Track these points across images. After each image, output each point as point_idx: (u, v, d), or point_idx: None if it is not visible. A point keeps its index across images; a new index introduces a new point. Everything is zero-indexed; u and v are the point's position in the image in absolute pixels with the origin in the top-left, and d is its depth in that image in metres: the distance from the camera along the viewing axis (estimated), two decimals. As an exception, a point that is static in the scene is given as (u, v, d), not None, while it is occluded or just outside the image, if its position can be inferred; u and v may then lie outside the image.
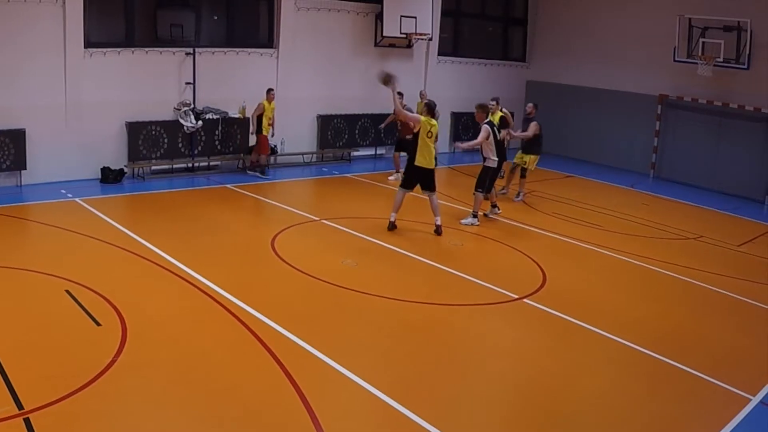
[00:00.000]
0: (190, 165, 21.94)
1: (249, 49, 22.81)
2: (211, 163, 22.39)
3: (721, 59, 23.98)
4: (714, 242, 18.39)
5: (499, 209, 19.12)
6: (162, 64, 21.04)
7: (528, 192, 21.56)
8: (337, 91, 25.24)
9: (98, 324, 10.46)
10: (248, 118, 22.21)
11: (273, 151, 23.18)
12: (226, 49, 22.30)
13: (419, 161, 16.67)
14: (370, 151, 26.64)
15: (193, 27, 21.86)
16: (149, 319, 10.84)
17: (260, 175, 22.08)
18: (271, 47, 23.46)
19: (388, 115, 23.82)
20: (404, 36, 25.85)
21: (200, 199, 19.17)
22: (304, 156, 24.77)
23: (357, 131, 25.92)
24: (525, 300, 12.94)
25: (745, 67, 23.81)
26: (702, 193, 24.56)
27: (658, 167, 26.97)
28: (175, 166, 21.68)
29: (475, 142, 18.00)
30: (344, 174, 23.56)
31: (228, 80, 22.39)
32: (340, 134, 25.51)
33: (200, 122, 21.45)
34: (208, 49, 21.91)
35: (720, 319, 13.00)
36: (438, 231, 16.72)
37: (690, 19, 24.82)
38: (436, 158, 17.21)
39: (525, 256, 15.66)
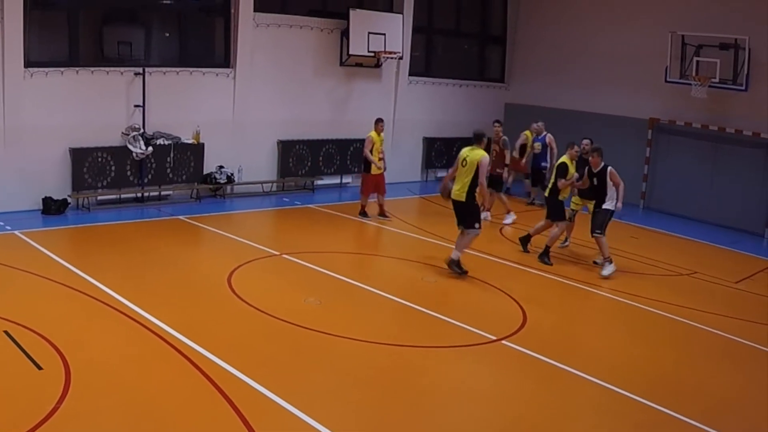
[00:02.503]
0: (139, 195, 21.92)
1: (203, 69, 22.86)
2: (163, 193, 22.40)
3: (717, 80, 23.91)
4: (709, 279, 18.49)
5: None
6: (109, 85, 21.02)
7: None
8: (300, 114, 25.28)
9: (39, 368, 10.43)
10: (202, 143, 22.29)
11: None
12: (178, 69, 22.34)
13: (452, 194, 16.78)
14: (335, 180, 26.60)
15: (143, 45, 21.99)
16: (94, 362, 10.82)
17: (365, 219, 21.91)
18: (228, 67, 23.53)
19: (356, 140, 24.01)
20: (372, 54, 26.01)
21: (150, 231, 19.17)
22: (264, 185, 24.76)
23: (321, 158, 25.94)
24: (503, 341, 12.98)
25: (743, 88, 23.78)
26: (696, 225, 24.52)
27: (648, 197, 26.99)
28: (123, 196, 21.65)
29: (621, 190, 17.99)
30: (307, 204, 23.59)
31: (181, 102, 22.41)
32: (303, 161, 25.53)
33: (150, 148, 21.45)
34: (159, 69, 21.93)
35: (716, 363, 13.07)
36: (449, 264, 16.74)
37: (683, 36, 24.88)
38: (470, 193, 16.50)
39: (503, 293, 15.73)
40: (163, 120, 22.08)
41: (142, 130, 21.43)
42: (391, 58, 26.76)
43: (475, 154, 16.42)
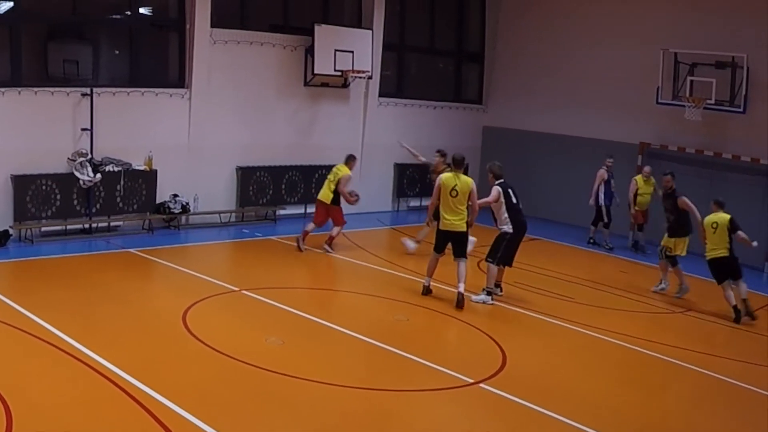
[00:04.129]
0: (86, 226, 21.85)
1: (156, 89, 22.83)
2: (112, 224, 22.37)
3: (713, 101, 23.94)
4: (705, 317, 18.63)
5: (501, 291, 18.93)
6: (54, 107, 20.98)
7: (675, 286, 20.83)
8: (261, 138, 25.29)
9: (-23, 414, 10.44)
10: (155, 170, 22.36)
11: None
12: (129, 89, 22.31)
13: (444, 224, 17.56)
14: (299, 210, 26.56)
15: (91, 63, 21.96)
16: (38, 406, 10.79)
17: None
18: (183, 87, 23.52)
19: (321, 166, 24.12)
20: (339, 74, 26.05)
21: (99, 265, 19.12)
22: (221, 215, 24.74)
23: (284, 186, 25.97)
24: (481, 385, 13.03)
25: (741, 110, 23.82)
26: (690, 258, 23.46)
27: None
28: (69, 227, 21.59)
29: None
30: (268, 236, 23.60)
31: (132, 125, 22.36)
32: (264, 189, 25.54)
33: (99, 175, 21.40)
34: (109, 90, 21.87)
35: (712, 408, 13.17)
36: (459, 301, 17.13)
37: (676, 53, 25.00)
38: (468, 219, 17.64)
39: (481, 333, 15.79)
40: (113, 144, 21.98)
41: (89, 156, 21.36)
42: (360, 77, 26.82)
43: (464, 182, 17.43)
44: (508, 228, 18.07)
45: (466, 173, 18.56)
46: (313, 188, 25.99)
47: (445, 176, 17.52)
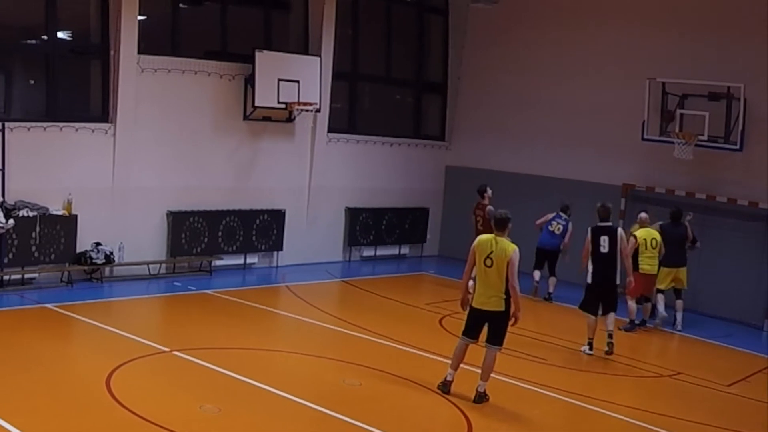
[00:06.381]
0: (-4, 278, 21.86)
1: (76, 124, 22.67)
2: (27, 276, 22.22)
3: (706, 137, 24.03)
4: (696, 381, 18.68)
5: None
6: (-41, 144, 20.97)
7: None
8: (195, 179, 25.22)
9: None
10: (75, 215, 22.42)
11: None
12: (46, 124, 22.13)
13: (477, 301, 15.84)
14: (238, 260, 26.61)
15: (2, 94, 21.96)
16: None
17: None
18: (106, 121, 23.34)
19: (263, 211, 24.28)
20: (283, 106, 26.04)
21: (12, 323, 19.01)
22: (150, 266, 24.59)
23: (221, 233, 25.90)
24: (444, 457, 13.16)
25: (737, 147, 23.86)
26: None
27: (621, 281, 26.67)
28: (-24, 279, 21.56)
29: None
30: (203, 290, 23.57)
31: (49, 165, 22.24)
32: (198, 237, 25.47)
33: (11, 221, 21.29)
34: (22, 124, 21.74)
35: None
36: (475, 399, 15.73)
37: (664, 83, 25.18)
38: (507, 300, 15.57)
39: (444, 398, 15.84)
40: (28, 186, 21.87)
41: (1, 199, 21.34)
42: (307, 110, 26.74)
43: (502, 248, 15.45)
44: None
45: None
46: (253, 235, 26.14)
47: (482, 239, 15.81)
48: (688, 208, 24.38)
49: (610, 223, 19.77)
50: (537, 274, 25.76)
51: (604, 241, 19.36)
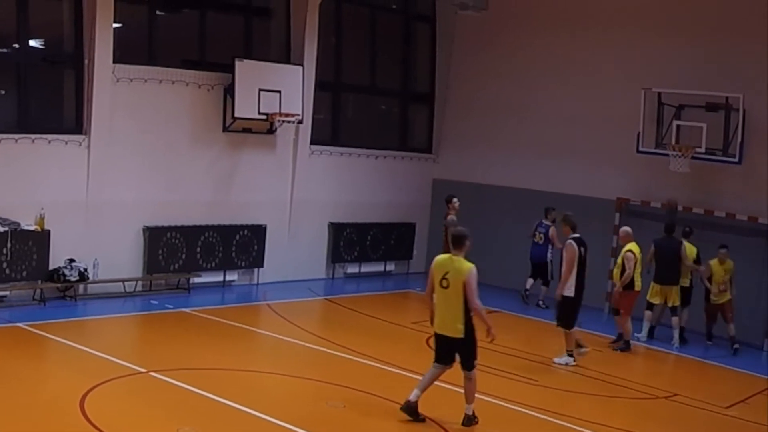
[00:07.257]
0: (-35, 296, 21.76)
1: (49, 136, 22.67)
2: (-4, 294, 22.32)
3: (703, 149, 24.03)
4: (693, 402, 18.77)
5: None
6: (-73, 157, 21.00)
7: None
8: (172, 193, 25.20)
9: None
10: (48, 231, 22.50)
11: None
12: (17, 136, 22.13)
13: (437, 325, 15.65)
14: (217, 277, 26.60)
15: (-28, 105, 22.09)
16: None
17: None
18: (80, 133, 23.36)
19: (243, 226, 24.40)
20: (264, 117, 26.02)
21: (-20, 343, 19.05)
22: (126, 283, 24.50)
23: (199, 250, 25.91)
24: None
25: (736, 160, 23.91)
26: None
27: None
28: (-55, 297, 21.49)
29: None
30: (181, 308, 23.57)
31: (20, 178, 22.20)
32: (176, 253, 25.44)
33: (-20, 237, 21.54)
34: (-8, 136, 21.88)
35: None
36: (463, 422, 15.63)
37: (660, 94, 25.20)
38: (468, 323, 15.40)
39: (431, 421, 15.77)
40: (-3, 201, 21.99)
41: (-30, 214, 21.46)
42: (289, 121, 26.71)
43: (457, 268, 15.29)
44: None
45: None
46: (233, 252, 26.15)
47: (438, 259, 15.72)
48: (684, 223, 24.39)
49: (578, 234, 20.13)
50: (529, 282, 26.51)
51: (582, 252, 19.67)
